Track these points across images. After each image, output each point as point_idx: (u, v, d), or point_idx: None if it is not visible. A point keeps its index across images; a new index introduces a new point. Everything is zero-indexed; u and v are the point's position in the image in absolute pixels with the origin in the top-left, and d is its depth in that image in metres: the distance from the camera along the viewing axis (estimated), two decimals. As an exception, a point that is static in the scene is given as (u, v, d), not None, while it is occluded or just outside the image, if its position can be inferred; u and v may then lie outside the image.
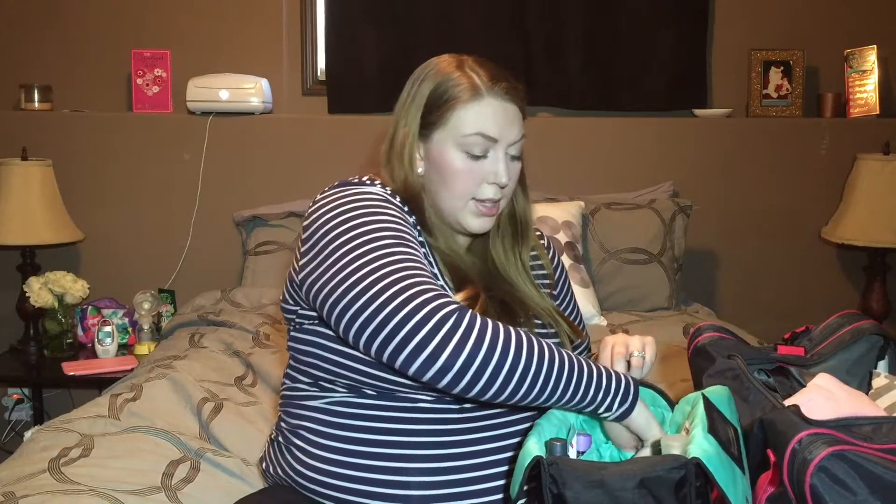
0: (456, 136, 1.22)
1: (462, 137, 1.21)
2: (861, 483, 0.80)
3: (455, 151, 1.22)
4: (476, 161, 1.22)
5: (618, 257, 2.71)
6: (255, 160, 2.92)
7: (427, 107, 1.24)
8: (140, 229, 2.92)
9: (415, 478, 1.14)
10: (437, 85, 1.23)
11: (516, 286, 1.31)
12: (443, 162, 1.23)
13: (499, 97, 1.22)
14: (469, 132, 1.21)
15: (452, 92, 1.22)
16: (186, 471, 1.54)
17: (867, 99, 2.95)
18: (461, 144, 1.21)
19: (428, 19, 2.97)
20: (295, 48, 3.04)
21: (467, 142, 1.21)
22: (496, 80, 1.23)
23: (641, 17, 3.01)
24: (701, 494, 0.84)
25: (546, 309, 1.30)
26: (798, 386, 1.09)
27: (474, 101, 1.21)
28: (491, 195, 1.23)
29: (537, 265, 1.40)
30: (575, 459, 0.92)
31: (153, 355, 2.31)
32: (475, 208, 1.24)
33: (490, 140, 1.21)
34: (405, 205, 1.25)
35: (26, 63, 2.99)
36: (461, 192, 1.23)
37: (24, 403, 2.92)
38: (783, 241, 3.00)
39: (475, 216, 1.25)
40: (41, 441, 1.63)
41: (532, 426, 1.01)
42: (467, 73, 1.23)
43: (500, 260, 1.32)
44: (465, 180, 1.22)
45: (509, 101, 1.23)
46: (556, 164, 2.97)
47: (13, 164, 2.67)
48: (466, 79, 1.22)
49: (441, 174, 1.23)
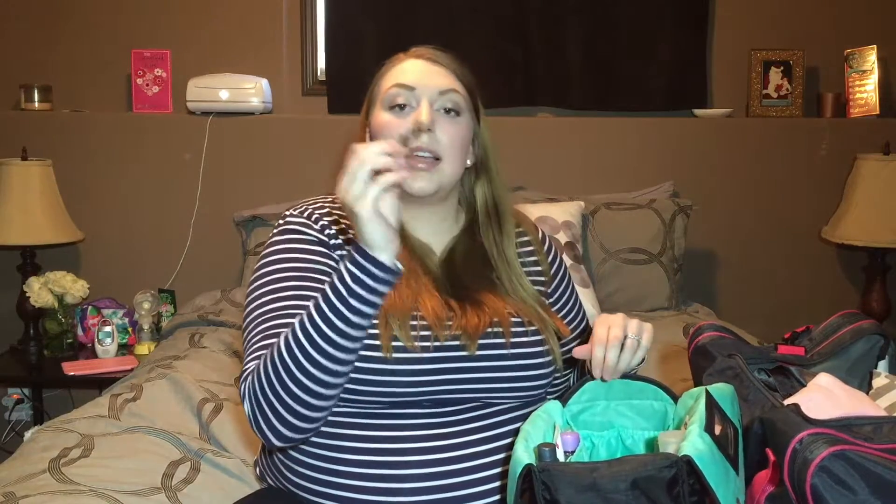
0: (380, 98, 1.27)
1: (384, 95, 1.26)
2: (862, 483, 0.80)
3: (382, 112, 1.26)
4: (402, 111, 1.25)
5: (618, 257, 2.71)
6: (255, 160, 2.91)
7: (368, 93, 1.32)
8: (140, 229, 2.92)
9: (407, 484, 1.14)
10: (376, 73, 1.31)
11: (501, 284, 1.29)
12: (376, 126, 1.27)
13: (420, 58, 1.28)
14: (387, 86, 1.26)
15: (381, 68, 1.30)
16: (186, 471, 1.54)
17: (867, 99, 2.95)
18: (384, 103, 1.26)
19: (428, 19, 2.96)
20: (295, 48, 3.04)
21: (387, 97, 1.25)
22: (425, 48, 1.29)
23: (641, 17, 3.01)
24: (695, 492, 0.84)
25: (531, 308, 1.27)
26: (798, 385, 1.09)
27: (394, 66, 1.29)
28: (420, 142, 1.21)
29: (531, 261, 1.37)
30: (565, 463, 0.91)
31: (153, 355, 2.31)
32: (409, 163, 1.20)
33: (407, 88, 1.24)
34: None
35: (26, 63, 2.98)
36: None
37: (24, 403, 2.92)
38: (783, 241, 3.00)
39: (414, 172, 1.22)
40: (41, 441, 1.63)
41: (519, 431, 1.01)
42: (402, 54, 1.30)
43: (493, 253, 1.31)
44: (392, 132, 1.23)
45: (433, 62, 1.28)
46: (556, 164, 2.97)
47: (13, 164, 2.67)
48: (398, 55, 1.30)
49: (376, 138, 1.26)
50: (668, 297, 2.70)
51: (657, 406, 1.09)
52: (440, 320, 1.19)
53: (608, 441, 1.09)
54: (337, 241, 1.25)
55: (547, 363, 1.24)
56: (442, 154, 1.23)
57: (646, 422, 1.10)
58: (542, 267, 1.38)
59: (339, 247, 1.24)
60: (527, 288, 1.30)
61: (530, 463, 0.87)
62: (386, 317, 1.16)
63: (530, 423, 1.02)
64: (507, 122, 2.92)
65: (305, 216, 1.26)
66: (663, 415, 1.08)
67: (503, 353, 1.20)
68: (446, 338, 1.18)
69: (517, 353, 1.21)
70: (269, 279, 1.20)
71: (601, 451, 1.09)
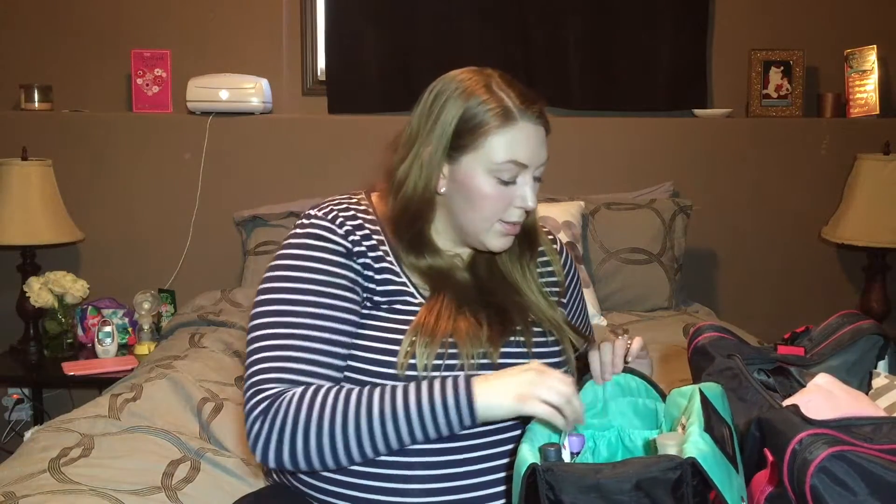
0: (487, 162, 1.19)
1: (493, 164, 1.19)
2: (861, 483, 0.80)
3: (485, 177, 1.20)
4: (505, 186, 1.20)
5: (618, 257, 2.71)
6: (255, 160, 2.91)
7: (457, 129, 1.19)
8: (140, 229, 2.92)
9: (416, 485, 1.14)
10: (466, 108, 1.19)
11: (522, 294, 1.30)
12: (472, 186, 1.20)
13: (531, 121, 1.20)
14: (501, 160, 1.18)
15: (484, 117, 1.18)
16: (186, 471, 1.54)
17: (867, 99, 2.95)
18: (492, 171, 1.19)
19: (428, 19, 2.97)
20: (295, 48, 3.04)
21: (498, 168, 1.19)
22: (528, 102, 1.20)
23: (641, 17, 3.01)
24: (698, 493, 0.84)
25: (552, 318, 1.29)
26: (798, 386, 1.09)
27: (507, 128, 1.18)
28: (517, 218, 1.23)
29: (547, 272, 1.38)
30: (570, 464, 0.92)
31: (153, 355, 2.31)
32: (501, 229, 1.23)
33: (521, 166, 1.20)
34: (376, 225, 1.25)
35: (26, 63, 2.99)
36: (489, 215, 1.21)
37: (24, 403, 2.92)
38: (783, 241, 3.00)
39: (500, 236, 1.24)
40: (41, 441, 1.63)
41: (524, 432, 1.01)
42: (497, 94, 1.19)
43: (507, 269, 1.31)
44: (493, 205, 1.20)
45: (540, 125, 1.21)
46: (556, 164, 2.91)
47: (13, 164, 2.67)
48: (496, 101, 1.19)
49: (469, 198, 1.21)
50: (668, 297, 2.70)
51: (648, 403, 1.11)
52: (472, 340, 1.19)
53: (609, 441, 1.10)
54: (360, 248, 1.22)
55: (564, 373, 1.23)
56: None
57: (640, 421, 1.11)
58: (557, 277, 1.39)
59: (363, 254, 1.21)
60: (549, 301, 1.32)
61: (535, 463, 0.87)
62: (413, 336, 1.16)
63: (536, 423, 1.03)
64: (507, 122, 2.92)
65: (329, 218, 1.22)
66: (654, 412, 1.09)
67: (524, 363, 1.19)
68: (473, 356, 1.18)
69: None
70: (286, 286, 1.17)
71: (602, 450, 1.10)
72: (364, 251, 1.22)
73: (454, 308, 1.21)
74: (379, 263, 1.22)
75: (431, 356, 1.15)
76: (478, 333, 1.19)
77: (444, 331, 1.17)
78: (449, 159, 1.21)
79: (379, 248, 1.23)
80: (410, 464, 1.14)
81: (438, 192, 1.24)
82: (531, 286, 1.31)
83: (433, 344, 1.15)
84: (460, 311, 1.21)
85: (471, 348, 1.17)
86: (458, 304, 1.22)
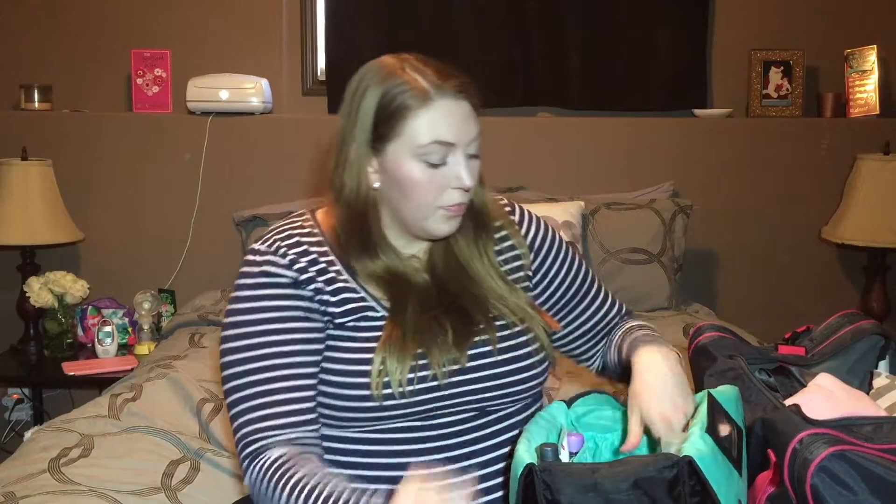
0: (412, 146, 1.12)
1: (419, 148, 1.12)
2: (862, 483, 0.80)
3: (413, 163, 1.13)
4: (436, 169, 1.13)
5: (618, 257, 2.71)
6: (255, 160, 2.91)
7: (376, 119, 1.14)
8: (140, 229, 2.92)
9: None
10: (382, 94, 1.14)
11: (482, 282, 1.22)
12: (402, 175, 1.14)
13: (449, 97, 1.13)
14: (424, 142, 1.12)
15: (400, 99, 1.13)
16: (186, 471, 1.54)
17: (867, 99, 2.95)
18: (419, 155, 1.13)
19: (427, 20, 2.96)
20: (295, 48, 3.04)
21: (424, 151, 1.12)
22: (444, 78, 1.13)
23: (641, 17, 3.01)
24: (696, 493, 0.84)
25: (514, 306, 1.22)
26: (799, 386, 1.09)
27: (425, 107, 1.12)
28: (457, 200, 1.16)
29: (507, 247, 1.29)
30: (567, 463, 0.91)
31: (153, 355, 2.31)
32: (443, 214, 1.16)
33: (447, 146, 1.13)
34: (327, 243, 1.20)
35: (26, 63, 2.98)
36: (425, 202, 1.15)
37: (24, 403, 2.92)
38: (783, 241, 3.00)
39: (444, 221, 1.17)
40: (41, 441, 1.63)
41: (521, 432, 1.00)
42: (411, 75, 1.14)
43: (465, 257, 1.24)
44: (427, 190, 1.14)
45: (461, 99, 1.14)
46: (556, 164, 2.97)
47: (13, 164, 2.67)
48: (412, 82, 1.13)
49: (401, 188, 1.15)
50: (668, 297, 2.70)
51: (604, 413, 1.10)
52: (440, 348, 1.15)
53: (612, 443, 1.09)
54: (308, 275, 1.17)
55: (537, 362, 1.21)
56: (471, 196, 1.19)
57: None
58: (520, 251, 1.29)
59: (311, 280, 1.16)
60: (510, 286, 1.24)
61: (531, 462, 0.87)
62: (383, 354, 1.12)
63: (533, 423, 1.02)
64: (507, 122, 2.92)
65: (272, 251, 1.18)
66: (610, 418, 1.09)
67: (492, 361, 1.17)
68: (443, 364, 1.14)
69: (506, 358, 1.18)
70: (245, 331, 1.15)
71: (604, 452, 1.10)
72: (313, 277, 1.17)
73: (419, 317, 1.16)
74: (332, 285, 1.17)
75: (405, 372, 1.11)
76: (445, 340, 1.15)
77: (413, 343, 1.13)
78: (375, 151, 1.16)
79: (329, 270, 1.18)
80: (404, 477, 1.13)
81: (374, 189, 1.18)
82: (490, 272, 1.23)
83: (405, 359, 1.12)
84: (425, 319, 1.16)
85: (440, 357, 1.14)
86: (422, 312, 1.17)
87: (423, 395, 1.13)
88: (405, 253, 1.24)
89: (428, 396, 1.14)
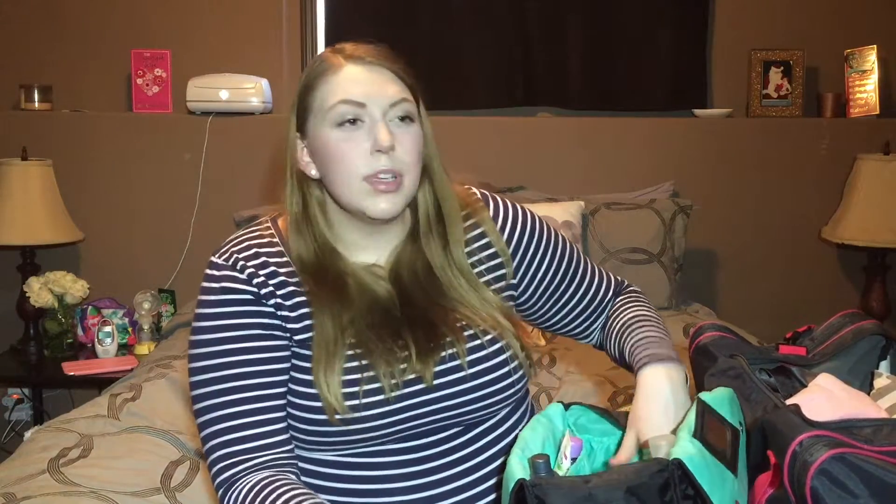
0: (323, 113, 1.11)
1: (328, 112, 1.10)
2: (862, 486, 0.80)
3: (329, 130, 1.10)
4: (351, 132, 1.09)
5: (618, 257, 2.71)
6: (255, 160, 2.91)
7: (298, 100, 1.15)
8: (140, 229, 2.92)
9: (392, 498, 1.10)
10: (305, 76, 1.15)
11: (450, 292, 1.17)
12: (321, 146, 1.12)
13: (360, 63, 1.12)
14: (332, 102, 1.10)
15: (315, 72, 1.13)
16: (186, 472, 1.54)
17: (867, 99, 2.95)
18: (331, 120, 1.10)
19: (427, 19, 2.96)
20: (295, 48, 3.04)
21: (335, 114, 1.10)
22: (360, 50, 1.13)
23: (641, 18, 3.01)
24: (688, 497, 0.84)
25: (486, 316, 1.16)
26: (800, 386, 1.09)
27: (333, 75, 1.11)
28: (382, 165, 1.09)
29: (483, 245, 1.23)
30: (558, 477, 0.90)
31: (153, 355, 2.31)
32: (372, 187, 1.09)
33: (357, 105, 1.09)
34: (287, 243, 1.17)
35: (26, 63, 2.98)
36: (349, 169, 1.09)
37: (24, 403, 2.92)
38: (783, 241, 3.00)
39: (374, 196, 1.09)
40: (41, 441, 1.63)
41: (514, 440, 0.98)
42: (328, 53, 1.15)
43: (439, 263, 1.18)
44: (347, 155, 1.09)
45: (375, 65, 1.12)
46: (556, 164, 2.96)
47: (13, 164, 2.67)
48: (328, 59, 1.13)
49: (324, 159, 1.12)
50: (668, 297, 2.70)
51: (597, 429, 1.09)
52: (392, 369, 1.08)
53: (608, 447, 1.09)
54: (267, 289, 1.12)
55: (510, 372, 1.15)
56: (403, 171, 1.11)
57: None
58: (497, 249, 1.23)
59: (271, 294, 1.12)
60: (481, 293, 1.18)
61: (523, 478, 0.86)
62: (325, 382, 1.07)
63: (530, 428, 1.00)
64: (507, 122, 2.92)
65: (230, 265, 1.15)
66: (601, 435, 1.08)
67: (461, 377, 1.12)
68: (399, 386, 1.08)
69: (476, 371, 1.12)
70: (211, 350, 1.11)
71: (599, 455, 1.09)
72: (272, 291, 1.12)
73: (368, 331, 1.10)
74: (291, 300, 1.12)
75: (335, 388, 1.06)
76: (402, 356, 1.09)
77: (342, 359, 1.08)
78: (301, 135, 1.16)
79: (288, 283, 1.13)
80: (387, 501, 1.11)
81: (312, 177, 1.16)
82: (460, 281, 1.17)
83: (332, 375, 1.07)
84: (376, 332, 1.10)
85: (389, 371, 1.08)
86: (378, 326, 1.11)
87: (394, 416, 1.08)
88: (364, 261, 1.18)
89: (399, 417, 1.09)
